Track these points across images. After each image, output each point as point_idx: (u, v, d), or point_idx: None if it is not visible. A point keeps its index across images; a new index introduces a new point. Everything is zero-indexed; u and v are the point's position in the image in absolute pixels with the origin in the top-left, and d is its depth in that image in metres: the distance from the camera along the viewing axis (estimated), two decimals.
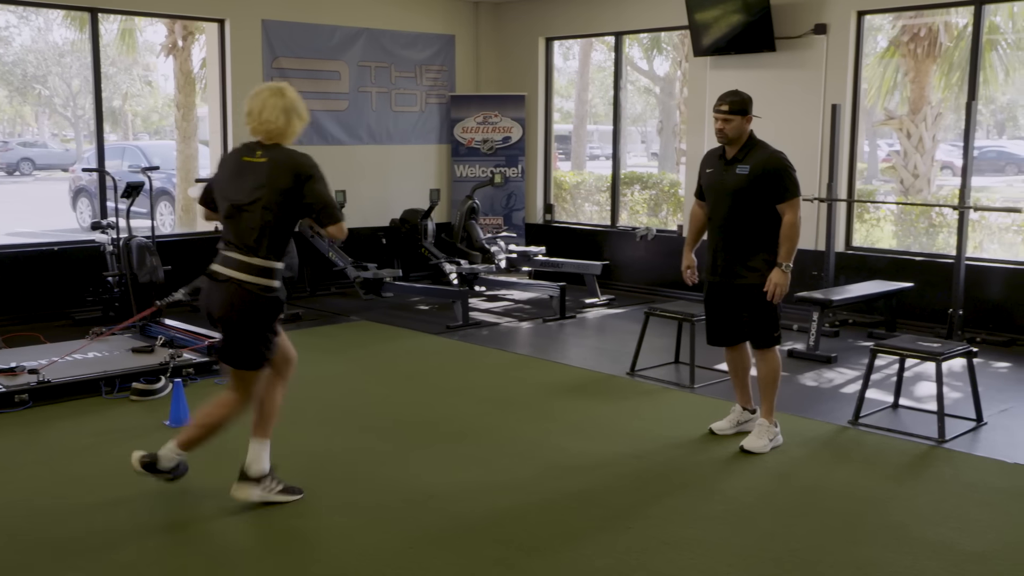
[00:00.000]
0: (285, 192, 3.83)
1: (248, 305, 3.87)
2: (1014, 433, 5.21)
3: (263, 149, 3.92)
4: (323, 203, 3.88)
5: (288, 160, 3.90)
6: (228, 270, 3.88)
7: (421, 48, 10.41)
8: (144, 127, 27.89)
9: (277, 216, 3.85)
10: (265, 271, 3.88)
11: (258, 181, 3.85)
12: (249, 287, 3.85)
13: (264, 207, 3.83)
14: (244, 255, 3.87)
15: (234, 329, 3.93)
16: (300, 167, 3.89)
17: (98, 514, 4.07)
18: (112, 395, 5.74)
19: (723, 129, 4.81)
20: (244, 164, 3.91)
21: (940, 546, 3.76)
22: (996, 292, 7.46)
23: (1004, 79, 13.52)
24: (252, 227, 3.86)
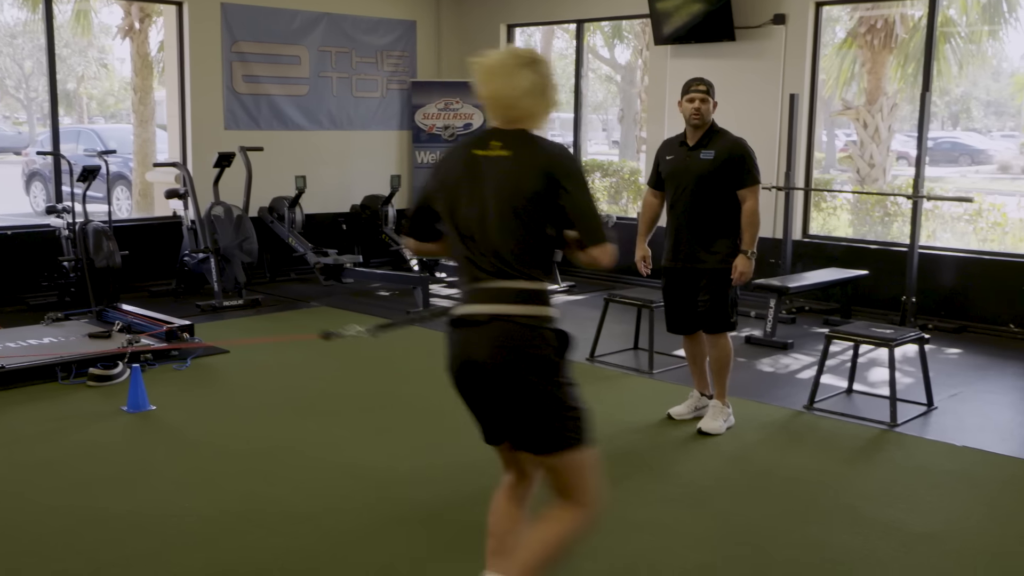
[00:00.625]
0: (535, 196, 2.72)
1: (532, 347, 2.68)
2: (963, 417, 5.33)
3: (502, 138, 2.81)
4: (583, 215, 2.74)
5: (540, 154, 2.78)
6: (489, 306, 2.71)
7: (382, 34, 10.37)
8: (100, 111, 27.49)
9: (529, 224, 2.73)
10: (539, 296, 2.75)
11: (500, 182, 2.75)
12: (525, 321, 2.69)
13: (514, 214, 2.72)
14: (506, 279, 2.72)
15: (520, 390, 2.68)
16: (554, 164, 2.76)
17: (57, 498, 4.04)
18: (69, 381, 5.69)
19: (700, 109, 4.85)
20: (478, 159, 2.79)
21: (890, 526, 3.84)
22: (948, 280, 7.60)
23: (958, 72, 13.75)
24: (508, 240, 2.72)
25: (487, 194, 2.73)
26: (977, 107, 20.74)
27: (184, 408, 5.31)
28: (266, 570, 3.43)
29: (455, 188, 2.79)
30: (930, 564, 3.53)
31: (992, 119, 21.04)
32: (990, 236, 10.12)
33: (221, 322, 7.45)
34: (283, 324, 7.53)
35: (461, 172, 2.79)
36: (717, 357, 5.04)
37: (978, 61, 14.38)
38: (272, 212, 9.28)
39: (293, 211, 9.18)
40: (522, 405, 2.68)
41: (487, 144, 2.79)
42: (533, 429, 2.70)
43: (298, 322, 7.63)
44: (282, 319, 7.72)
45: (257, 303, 8.12)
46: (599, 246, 2.74)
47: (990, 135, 20.42)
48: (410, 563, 3.50)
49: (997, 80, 18.74)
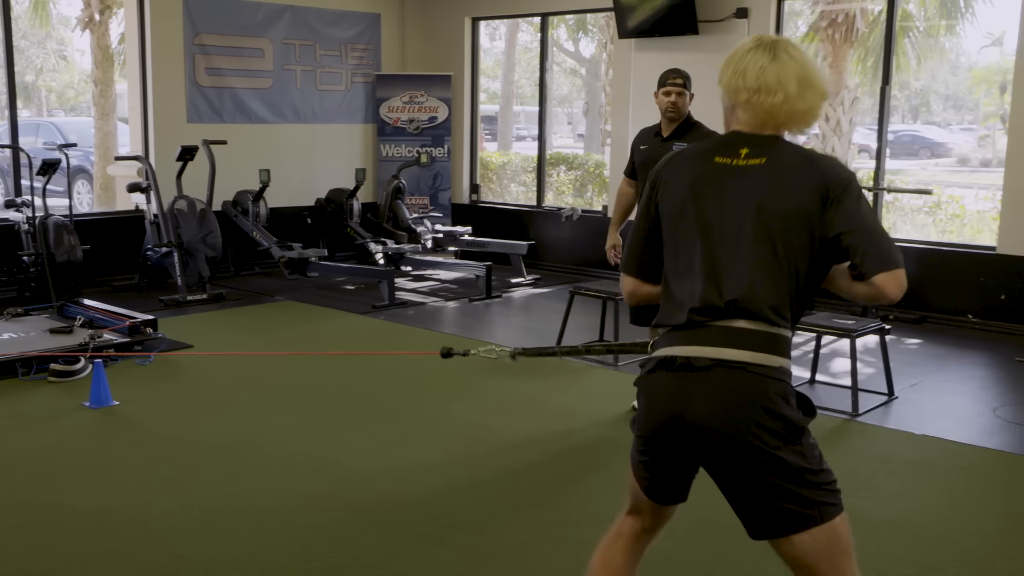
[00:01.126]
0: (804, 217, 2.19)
1: (777, 405, 2.16)
2: (923, 407, 5.41)
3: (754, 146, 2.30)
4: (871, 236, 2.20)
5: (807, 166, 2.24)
6: (721, 349, 2.17)
7: (346, 26, 10.32)
8: (59, 103, 27.12)
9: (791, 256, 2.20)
10: (783, 343, 2.22)
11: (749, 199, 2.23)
12: (766, 373, 2.16)
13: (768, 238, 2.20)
14: (749, 321, 2.18)
15: (762, 456, 2.15)
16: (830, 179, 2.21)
17: (18, 495, 4.00)
18: (29, 376, 5.63)
19: (676, 103, 4.88)
20: (722, 169, 2.30)
21: (852, 514, 3.85)
22: (908, 271, 7.57)
23: (917, 65, 13.90)
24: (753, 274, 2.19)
25: (733, 213, 2.23)
26: (936, 101, 20.98)
27: (147, 404, 5.27)
28: (231, 566, 3.42)
29: (687, 204, 2.29)
30: (891, 550, 3.59)
31: (951, 112, 21.30)
32: (949, 228, 10.26)
33: (185, 316, 7.39)
34: (248, 319, 7.48)
35: (696, 184, 2.29)
36: None
37: (936, 55, 14.54)
38: (236, 206, 9.21)
39: (257, 205, 9.12)
40: (749, 474, 2.16)
41: (737, 151, 2.29)
42: (761, 502, 2.18)
43: (263, 316, 7.59)
44: (247, 313, 7.67)
45: (221, 297, 8.07)
46: (887, 272, 2.20)
47: (949, 128, 20.68)
48: (376, 559, 3.50)
49: (955, 74, 18.97)
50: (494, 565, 3.44)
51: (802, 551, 2.19)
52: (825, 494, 2.19)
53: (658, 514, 2.51)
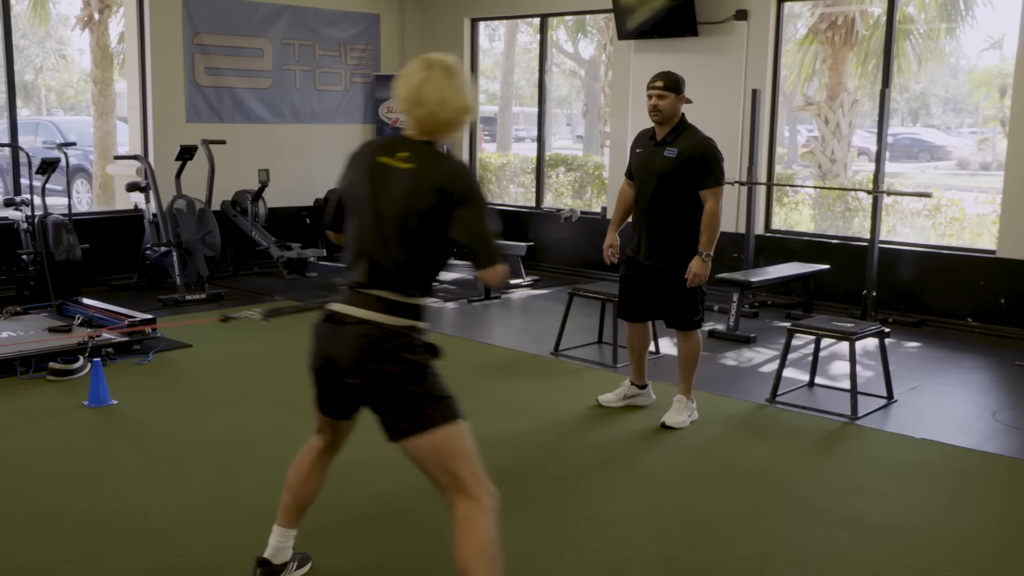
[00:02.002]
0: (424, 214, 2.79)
1: (400, 353, 2.83)
2: (922, 410, 5.41)
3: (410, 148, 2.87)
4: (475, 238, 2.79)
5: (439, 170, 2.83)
6: (361, 310, 2.86)
7: (345, 27, 10.32)
8: (59, 102, 27.10)
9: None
10: (412, 309, 2.87)
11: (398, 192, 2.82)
12: (393, 329, 2.83)
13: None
14: (385, 291, 2.84)
15: (388, 389, 2.87)
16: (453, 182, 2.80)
17: (16, 494, 3.99)
18: (28, 375, 5.62)
19: (657, 105, 4.82)
20: (381, 166, 2.87)
21: (850, 518, 3.90)
22: (908, 274, 7.70)
23: (917, 68, 13.91)
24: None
25: (385, 204, 2.82)
26: (936, 104, 20.99)
27: (146, 403, 5.26)
28: (229, 566, 3.41)
29: (357, 192, 2.89)
30: (889, 554, 3.59)
31: (951, 115, 21.30)
32: (948, 231, 10.26)
33: (184, 316, 7.39)
34: (243, 321, 7.47)
35: (365, 176, 2.88)
36: (687, 353, 5.07)
37: (936, 58, 14.55)
38: (235, 206, 9.21)
39: (256, 204, 9.12)
40: (378, 402, 2.87)
41: (392, 151, 2.86)
42: (391, 414, 2.87)
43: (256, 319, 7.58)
44: None
45: (220, 297, 8.07)
46: (487, 269, 2.81)
47: (949, 131, 20.69)
48: (371, 559, 3.50)
49: (955, 77, 18.97)
50: None
51: (423, 450, 2.83)
52: (439, 409, 2.84)
53: (335, 430, 3.21)
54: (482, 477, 2.84)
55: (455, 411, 2.87)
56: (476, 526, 2.76)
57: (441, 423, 2.82)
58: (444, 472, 2.82)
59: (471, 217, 2.76)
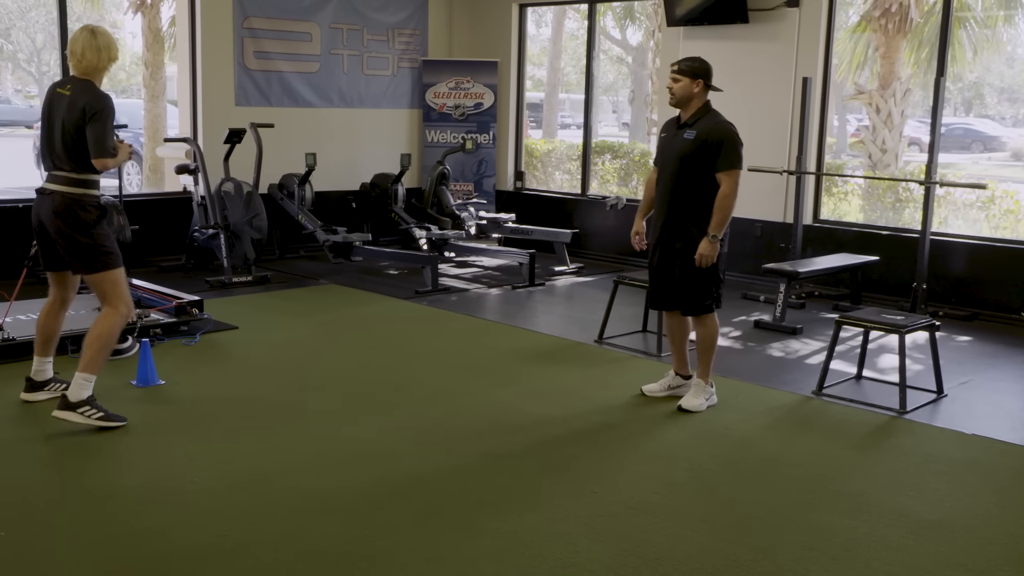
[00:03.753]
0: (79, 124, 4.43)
1: (70, 212, 4.50)
2: (973, 405, 5.31)
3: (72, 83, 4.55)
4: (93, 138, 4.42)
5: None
6: (52, 185, 4.55)
7: (393, 11, 10.32)
8: (111, 85, 27.44)
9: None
10: (80, 182, 4.52)
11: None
12: (68, 196, 4.51)
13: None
14: (61, 171, 4.53)
15: (63, 238, 4.57)
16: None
17: (63, 472, 4.05)
18: (78, 354, 5.67)
19: (670, 88, 4.95)
20: (57, 95, 4.56)
21: (898, 513, 3.84)
22: (959, 267, 7.57)
23: (972, 57, 13.64)
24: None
25: (58, 117, 4.49)
26: (991, 93, 20.60)
27: (193, 383, 5.32)
28: (272, 544, 3.43)
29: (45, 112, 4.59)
30: (938, 551, 3.53)
31: (1006, 106, 20.90)
32: (1003, 223, 10.05)
33: (230, 298, 7.46)
34: (292, 302, 7.53)
35: (50, 102, 4.55)
36: (703, 337, 5.08)
37: (993, 47, 14.25)
38: (282, 189, 9.27)
39: (303, 188, 9.16)
40: (64, 248, 4.51)
41: (64, 85, 4.53)
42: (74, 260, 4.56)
43: (307, 299, 7.64)
44: (291, 296, 7.72)
45: (266, 280, 8.13)
46: (99, 160, 4.42)
47: (1003, 122, 20.30)
48: (414, 544, 3.50)
49: (1011, 66, 18.58)
50: (531, 553, 3.43)
51: (92, 281, 4.59)
52: (103, 257, 4.53)
53: (61, 284, 4.86)
54: (125, 299, 4.61)
55: (117, 259, 4.57)
56: (105, 320, 4.54)
57: (103, 269, 4.53)
58: (102, 293, 4.58)
59: (96, 126, 4.40)
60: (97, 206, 4.49)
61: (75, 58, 4.47)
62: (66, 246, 4.48)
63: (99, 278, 4.51)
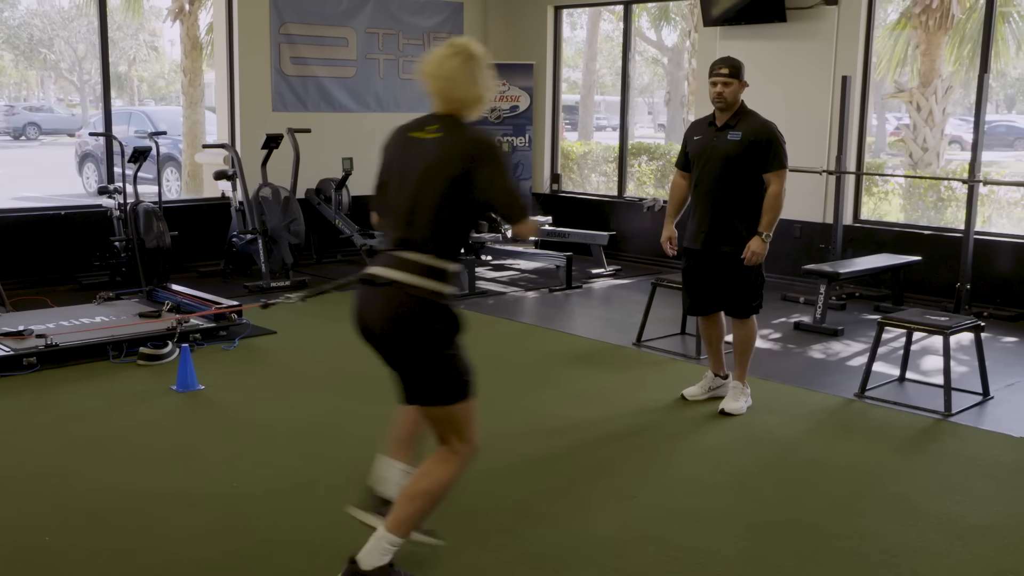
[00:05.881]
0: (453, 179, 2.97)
1: (425, 318, 2.98)
2: (1020, 408, 5.21)
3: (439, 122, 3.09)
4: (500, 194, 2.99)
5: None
6: (391, 271, 3.00)
7: (429, 15, 10.34)
8: (150, 93, 27.82)
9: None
10: (439, 272, 2.99)
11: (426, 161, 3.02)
12: (419, 293, 2.96)
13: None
14: (413, 253, 2.99)
15: (404, 350, 3.05)
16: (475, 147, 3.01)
17: (108, 476, 4.09)
18: (119, 359, 5.76)
19: (722, 93, 4.85)
20: (412, 140, 3.10)
21: (944, 518, 3.77)
22: (1004, 267, 7.43)
23: (1016, 52, 13.43)
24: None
25: (416, 172, 3.01)
26: None
27: (232, 388, 5.35)
28: (314, 548, 3.44)
29: (391, 166, 3.12)
30: (986, 557, 3.46)
31: None
32: None
33: None
34: (329, 306, 7.53)
35: (398, 152, 3.12)
36: (743, 339, 5.04)
37: None
38: (319, 194, 9.31)
39: (340, 193, 9.20)
40: (406, 363, 3.03)
41: (423, 127, 3.08)
42: (417, 384, 3.06)
43: (345, 304, 7.63)
44: (328, 300, 7.71)
45: (304, 284, 8.16)
46: (520, 223, 3.00)
47: None
48: (454, 550, 3.49)
49: None
50: (572, 559, 3.40)
51: (436, 417, 3.07)
52: (455, 383, 3.01)
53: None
54: (474, 440, 3.12)
55: (470, 388, 3.06)
56: (442, 467, 3.06)
57: (456, 400, 3.03)
58: (444, 432, 3.08)
59: (494, 176, 2.95)
60: (455, 312, 3.03)
61: (440, 84, 3.09)
62: (407, 363, 3.04)
63: (451, 412, 3.04)
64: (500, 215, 3.02)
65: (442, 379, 3.00)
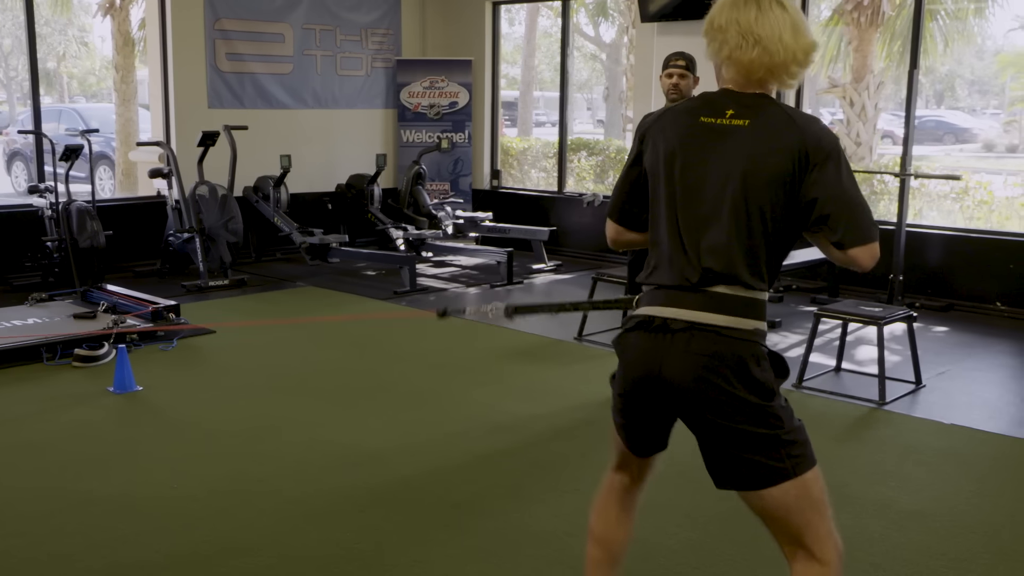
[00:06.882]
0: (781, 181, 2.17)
1: (748, 367, 2.20)
2: (951, 395, 5.34)
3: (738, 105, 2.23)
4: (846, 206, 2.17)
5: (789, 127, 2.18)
6: (696, 313, 2.21)
7: (366, 11, 10.28)
8: (80, 90, 27.23)
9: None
10: (758, 306, 2.24)
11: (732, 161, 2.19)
12: (739, 336, 2.19)
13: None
14: (725, 286, 2.20)
15: (732, 415, 2.22)
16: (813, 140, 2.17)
17: (43, 480, 4.01)
18: (54, 361, 5.64)
19: (678, 84, 4.86)
20: (707, 128, 2.23)
21: (881, 505, 3.86)
22: (935, 258, 7.62)
23: (943, 49, 13.74)
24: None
25: (715, 175, 2.20)
26: (962, 85, 20.77)
27: (171, 389, 5.27)
28: (255, 550, 3.41)
29: (671, 164, 2.25)
30: (920, 541, 3.54)
31: (976, 97, 21.08)
32: (976, 214, 10.14)
33: (207, 302, 7.40)
34: (270, 304, 7.48)
35: (681, 145, 2.24)
36: None
37: (963, 39, 14.36)
38: (257, 191, 9.21)
39: (278, 190, 9.11)
40: (720, 432, 2.22)
41: (722, 111, 2.22)
42: (733, 458, 2.25)
43: (284, 302, 7.59)
44: (268, 299, 7.67)
45: (243, 283, 8.08)
46: (863, 246, 2.19)
47: (974, 113, 20.47)
48: (398, 545, 3.48)
49: (981, 58, 18.75)
50: (517, 552, 3.42)
51: (772, 504, 2.23)
52: (794, 448, 2.22)
53: (643, 466, 2.62)
54: (833, 534, 2.28)
55: (811, 454, 2.27)
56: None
57: (798, 472, 2.22)
58: (790, 525, 2.25)
59: (836, 180, 2.14)
60: (772, 354, 2.26)
61: (748, 51, 2.17)
62: (723, 431, 2.23)
63: (789, 492, 2.21)
64: (837, 234, 2.17)
65: (781, 443, 2.20)
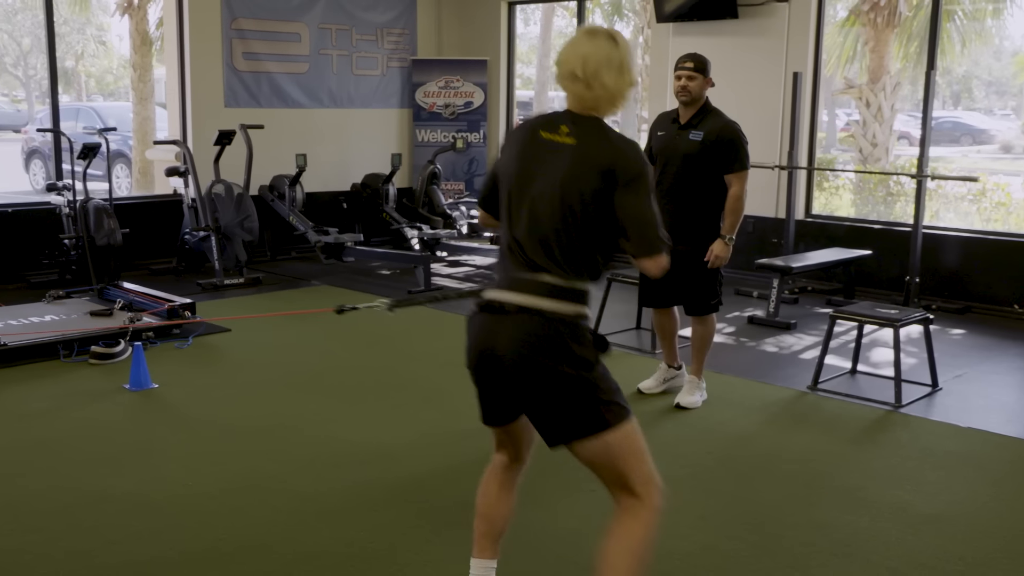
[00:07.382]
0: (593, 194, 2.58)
1: (567, 344, 2.58)
2: (968, 398, 5.31)
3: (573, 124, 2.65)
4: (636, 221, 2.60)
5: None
6: (525, 296, 2.60)
7: (382, 11, 10.29)
8: (98, 88, 27.37)
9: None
10: (577, 294, 2.64)
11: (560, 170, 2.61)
12: (559, 318, 2.58)
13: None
14: (548, 275, 2.60)
15: (540, 380, 2.60)
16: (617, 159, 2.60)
17: (59, 477, 4.03)
18: (70, 358, 5.67)
19: (687, 86, 4.80)
20: (543, 142, 2.66)
21: (896, 508, 3.84)
22: (952, 260, 7.57)
23: (960, 50, 13.68)
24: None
25: (544, 183, 2.60)
26: (979, 86, 20.65)
27: (186, 386, 5.29)
28: (269, 548, 3.42)
29: (514, 169, 2.68)
30: (937, 545, 3.52)
31: (994, 98, 20.96)
32: (994, 216, 10.09)
33: (222, 300, 7.43)
34: (284, 302, 7.50)
35: (522, 154, 2.67)
36: (701, 336, 5.08)
37: (981, 40, 14.29)
38: (273, 190, 9.24)
39: (294, 189, 9.14)
40: (544, 396, 2.59)
41: (557, 128, 2.63)
42: (557, 417, 2.62)
43: (299, 300, 7.60)
44: (283, 297, 7.69)
45: (258, 281, 8.10)
46: (648, 257, 2.64)
47: (991, 115, 20.36)
48: (412, 544, 3.49)
49: (999, 59, 18.64)
50: (530, 552, 3.41)
51: (598, 452, 2.64)
52: (612, 406, 2.62)
53: (517, 446, 2.91)
54: (653, 475, 2.71)
55: (627, 409, 2.67)
56: (633, 523, 2.68)
57: (615, 423, 2.62)
58: (615, 471, 2.68)
59: (635, 201, 2.57)
60: (593, 333, 2.68)
61: (577, 81, 2.60)
62: (547, 395, 2.59)
63: (609, 441, 2.63)
64: (630, 243, 2.63)
65: (597, 401, 2.61)
